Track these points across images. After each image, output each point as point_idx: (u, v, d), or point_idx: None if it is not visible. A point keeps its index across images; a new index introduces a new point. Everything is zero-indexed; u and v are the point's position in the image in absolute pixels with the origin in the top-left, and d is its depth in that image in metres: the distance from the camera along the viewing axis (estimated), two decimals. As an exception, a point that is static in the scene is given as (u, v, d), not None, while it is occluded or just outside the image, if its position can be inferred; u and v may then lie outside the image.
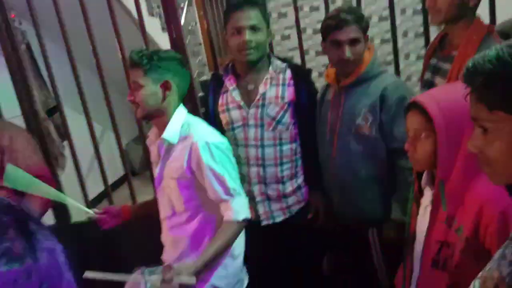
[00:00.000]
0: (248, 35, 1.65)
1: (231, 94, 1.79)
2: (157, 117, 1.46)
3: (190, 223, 1.48)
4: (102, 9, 2.07)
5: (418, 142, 1.10)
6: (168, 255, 1.57)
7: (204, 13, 3.61)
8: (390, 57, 4.37)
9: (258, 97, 1.75)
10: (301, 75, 1.83)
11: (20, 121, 2.05)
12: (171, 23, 1.90)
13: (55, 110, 3.40)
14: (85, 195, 2.24)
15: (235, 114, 1.78)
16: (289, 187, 1.81)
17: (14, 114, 2.10)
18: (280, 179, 1.79)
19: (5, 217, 0.43)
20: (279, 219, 1.83)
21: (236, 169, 1.47)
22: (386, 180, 1.66)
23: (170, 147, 1.46)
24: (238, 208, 1.40)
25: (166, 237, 1.57)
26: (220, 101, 1.83)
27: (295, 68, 1.84)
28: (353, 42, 1.59)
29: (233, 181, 1.41)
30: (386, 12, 4.46)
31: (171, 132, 1.43)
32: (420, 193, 1.22)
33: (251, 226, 1.50)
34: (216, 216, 1.45)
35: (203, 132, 1.44)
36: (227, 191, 1.40)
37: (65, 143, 3.02)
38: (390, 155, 1.62)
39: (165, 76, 1.41)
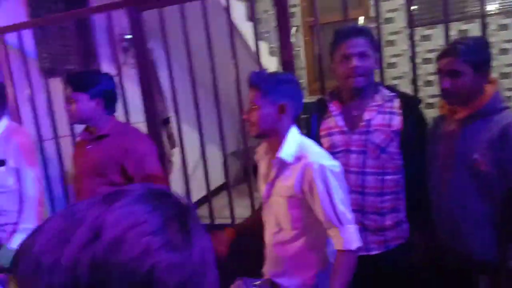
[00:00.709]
0: (356, 61, 1.66)
1: (335, 119, 1.80)
2: (270, 136, 1.51)
3: (295, 242, 1.49)
4: (219, 33, 2.26)
5: None
6: (269, 269, 1.59)
7: (309, 39, 3.70)
8: (509, 93, 4.06)
9: (363, 123, 1.72)
10: (410, 104, 1.76)
11: (142, 127, 2.30)
12: (285, 47, 1.99)
13: (167, 121, 3.78)
14: (189, 199, 2.42)
15: (338, 138, 1.77)
16: (388, 220, 1.73)
17: (138, 120, 2.36)
18: (379, 209, 1.73)
19: (171, 211, 0.46)
20: (374, 252, 1.76)
21: (347, 196, 1.46)
22: (502, 222, 1.51)
23: (283, 165, 1.48)
24: (349, 237, 1.39)
25: (269, 251, 1.59)
26: (323, 126, 1.84)
27: (404, 96, 1.78)
28: (453, 73, 1.54)
29: (344, 208, 1.40)
30: (508, 45, 4.17)
31: (287, 151, 1.46)
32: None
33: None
34: (323, 239, 1.45)
35: (318, 155, 1.45)
36: (338, 217, 1.39)
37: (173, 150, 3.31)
38: (510, 195, 1.48)
39: (282, 99, 1.45)
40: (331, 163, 1.44)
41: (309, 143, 1.51)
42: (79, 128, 2.18)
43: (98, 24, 3.28)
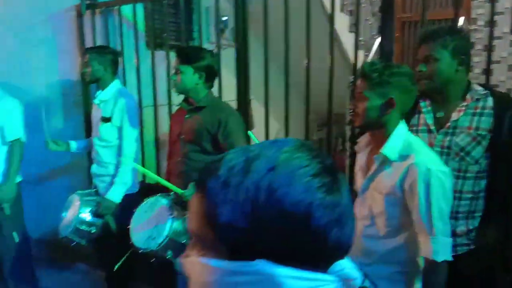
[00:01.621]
0: (419, 67, 1.63)
1: (424, 116, 1.76)
2: (374, 129, 1.48)
3: (387, 240, 1.48)
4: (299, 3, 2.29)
5: None
6: (357, 257, 1.59)
7: (400, 35, 3.61)
8: None
9: (448, 123, 1.66)
10: (505, 103, 1.64)
11: (233, 105, 2.43)
12: (386, 39, 1.99)
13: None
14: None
15: (423, 137, 1.73)
16: (462, 226, 1.67)
17: (230, 98, 2.51)
18: (453, 213, 1.68)
19: (325, 160, 0.54)
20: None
21: (449, 205, 1.39)
22: None
23: (385, 162, 1.43)
24: (439, 248, 1.34)
25: (358, 241, 1.56)
26: (412, 121, 1.81)
27: (499, 95, 1.67)
28: None
29: (441, 218, 1.35)
30: None
31: (391, 148, 1.40)
32: None
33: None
34: (415, 240, 1.42)
35: (426, 157, 1.38)
36: (432, 226, 1.34)
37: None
38: None
39: (392, 93, 1.39)
40: (440, 168, 1.36)
41: (418, 142, 1.45)
42: (176, 100, 2.37)
43: (199, 4, 3.49)
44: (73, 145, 2.67)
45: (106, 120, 2.42)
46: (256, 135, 2.35)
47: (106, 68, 2.45)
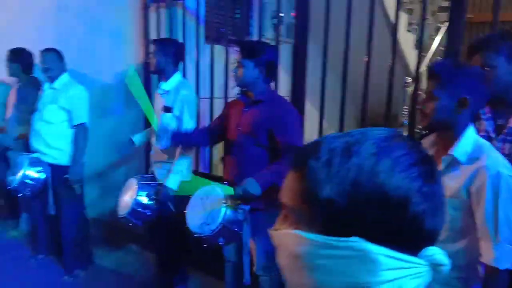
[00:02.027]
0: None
1: (485, 123, 1.70)
2: (442, 130, 1.45)
3: (447, 244, 1.41)
4: (363, 16, 2.26)
5: None
6: None
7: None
8: None
9: (505, 130, 1.59)
10: None
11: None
12: (454, 40, 1.94)
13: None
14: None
15: None
16: None
17: (286, 94, 2.53)
18: None
19: (422, 152, 0.56)
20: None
21: None
22: None
23: (453, 163, 1.40)
24: (502, 256, 1.30)
25: None
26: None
27: None
28: None
29: (507, 224, 1.30)
30: None
31: (461, 150, 1.37)
32: None
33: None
34: (477, 245, 1.38)
35: (497, 160, 1.34)
36: (497, 232, 1.30)
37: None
38: None
39: (464, 92, 1.35)
40: (510, 173, 1.31)
41: (487, 145, 1.41)
42: (231, 93, 2.43)
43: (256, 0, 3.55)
44: (137, 139, 2.77)
45: (168, 109, 2.52)
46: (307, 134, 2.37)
47: (169, 59, 2.54)
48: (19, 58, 3.24)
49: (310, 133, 2.50)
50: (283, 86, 2.62)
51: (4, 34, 4.15)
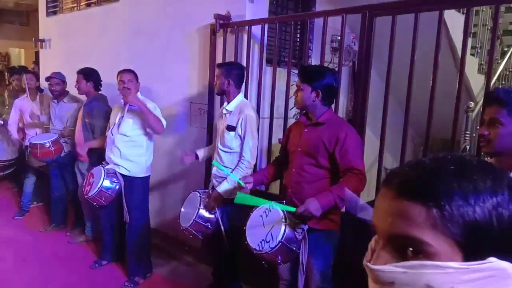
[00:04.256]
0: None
1: None
2: (506, 156, 1.46)
3: None
4: (428, 41, 2.25)
5: None
6: None
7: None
8: None
9: None
10: None
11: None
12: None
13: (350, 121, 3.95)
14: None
15: None
16: None
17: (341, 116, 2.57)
18: None
19: None
20: None
21: None
22: None
23: None
24: None
25: None
26: None
27: None
28: None
29: None
30: None
31: None
32: None
33: None
34: None
35: None
36: None
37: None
38: None
39: None
40: None
41: None
42: (290, 113, 2.48)
43: (315, 24, 3.65)
44: (200, 154, 2.95)
45: (231, 128, 2.66)
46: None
47: (232, 82, 2.69)
48: (92, 77, 3.56)
49: (366, 157, 2.51)
50: (339, 108, 2.65)
51: (85, 54, 4.59)
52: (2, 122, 4.46)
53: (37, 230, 4.13)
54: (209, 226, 2.67)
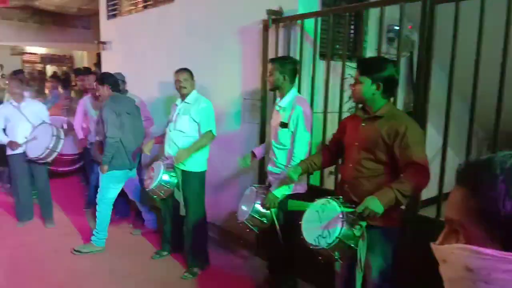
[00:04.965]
0: None
1: None
2: None
3: None
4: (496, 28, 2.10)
5: None
6: None
7: None
8: None
9: None
10: None
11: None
12: None
13: (410, 114, 3.78)
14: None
15: None
16: None
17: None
18: None
19: None
20: None
21: None
22: None
23: None
24: None
25: None
26: None
27: None
28: None
29: None
30: None
31: None
32: None
33: None
34: None
35: None
36: None
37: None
38: None
39: None
40: None
41: None
42: (344, 107, 2.42)
43: (371, 14, 3.52)
44: (257, 152, 2.99)
45: (284, 125, 2.65)
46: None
47: (286, 77, 2.68)
48: (105, 80, 3.64)
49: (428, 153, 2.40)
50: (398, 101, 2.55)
51: (142, 55, 4.79)
52: (66, 126, 4.77)
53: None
54: (265, 221, 2.70)
